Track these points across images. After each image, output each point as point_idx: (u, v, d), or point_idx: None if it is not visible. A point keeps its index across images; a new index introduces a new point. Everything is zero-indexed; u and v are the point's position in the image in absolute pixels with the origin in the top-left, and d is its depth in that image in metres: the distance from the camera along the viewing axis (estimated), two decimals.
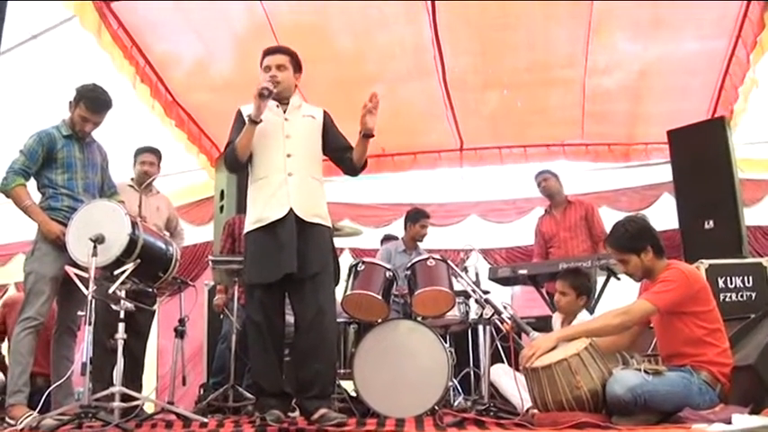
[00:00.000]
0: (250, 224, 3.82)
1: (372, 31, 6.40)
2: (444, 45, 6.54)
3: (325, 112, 4.09)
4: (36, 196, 4.23)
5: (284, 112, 3.94)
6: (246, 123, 3.76)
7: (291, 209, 3.73)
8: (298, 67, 4.03)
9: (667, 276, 3.48)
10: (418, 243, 6.46)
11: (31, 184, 4.22)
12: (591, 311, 5.29)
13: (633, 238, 3.62)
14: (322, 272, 3.79)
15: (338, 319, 5.09)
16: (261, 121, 3.75)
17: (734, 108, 6.76)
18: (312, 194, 3.88)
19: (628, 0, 5.90)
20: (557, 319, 4.88)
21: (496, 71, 7.00)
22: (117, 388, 3.69)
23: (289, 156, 3.83)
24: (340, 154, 4.06)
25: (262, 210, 3.77)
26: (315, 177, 3.92)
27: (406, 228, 6.50)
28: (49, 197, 4.21)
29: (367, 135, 3.86)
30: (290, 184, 3.78)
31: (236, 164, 3.86)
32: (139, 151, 5.58)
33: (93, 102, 4.25)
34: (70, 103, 4.29)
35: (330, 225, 3.95)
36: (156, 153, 5.59)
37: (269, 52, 4.00)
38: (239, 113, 3.94)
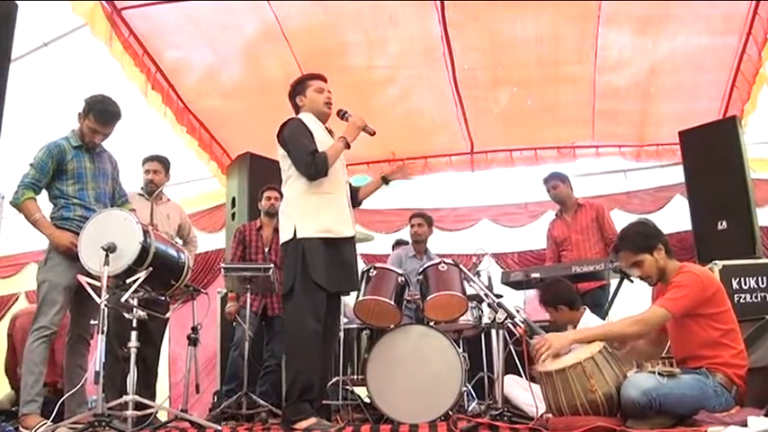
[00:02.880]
0: (316, 231, 3.88)
1: (382, 31, 6.39)
2: (454, 41, 6.52)
3: None
4: (48, 207, 4.25)
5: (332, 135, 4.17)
6: (341, 145, 3.96)
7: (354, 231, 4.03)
8: None
9: (681, 281, 3.45)
10: (428, 247, 6.46)
11: (43, 194, 4.25)
12: (605, 314, 5.28)
13: (646, 237, 3.62)
14: None
15: (351, 326, 5.12)
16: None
17: (745, 107, 6.72)
18: None
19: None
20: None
21: (506, 66, 6.97)
22: (130, 396, 3.67)
23: (346, 181, 4.16)
24: None
25: (333, 222, 3.92)
26: None
27: None
28: (62, 207, 4.23)
29: (386, 182, 4.29)
30: (349, 207, 4.07)
31: (324, 174, 3.92)
32: (145, 160, 5.60)
33: (102, 113, 4.27)
34: (79, 114, 4.30)
35: None
36: (161, 161, 5.59)
37: (323, 79, 4.20)
38: (303, 123, 4.02)
